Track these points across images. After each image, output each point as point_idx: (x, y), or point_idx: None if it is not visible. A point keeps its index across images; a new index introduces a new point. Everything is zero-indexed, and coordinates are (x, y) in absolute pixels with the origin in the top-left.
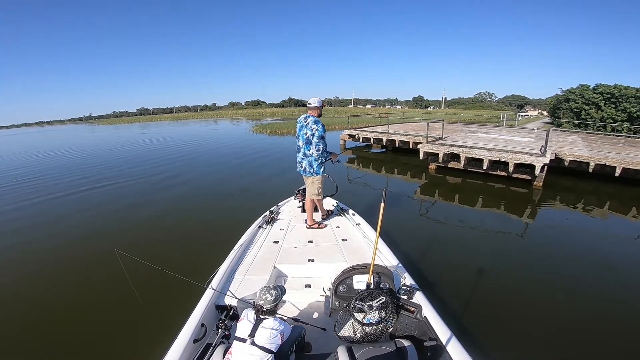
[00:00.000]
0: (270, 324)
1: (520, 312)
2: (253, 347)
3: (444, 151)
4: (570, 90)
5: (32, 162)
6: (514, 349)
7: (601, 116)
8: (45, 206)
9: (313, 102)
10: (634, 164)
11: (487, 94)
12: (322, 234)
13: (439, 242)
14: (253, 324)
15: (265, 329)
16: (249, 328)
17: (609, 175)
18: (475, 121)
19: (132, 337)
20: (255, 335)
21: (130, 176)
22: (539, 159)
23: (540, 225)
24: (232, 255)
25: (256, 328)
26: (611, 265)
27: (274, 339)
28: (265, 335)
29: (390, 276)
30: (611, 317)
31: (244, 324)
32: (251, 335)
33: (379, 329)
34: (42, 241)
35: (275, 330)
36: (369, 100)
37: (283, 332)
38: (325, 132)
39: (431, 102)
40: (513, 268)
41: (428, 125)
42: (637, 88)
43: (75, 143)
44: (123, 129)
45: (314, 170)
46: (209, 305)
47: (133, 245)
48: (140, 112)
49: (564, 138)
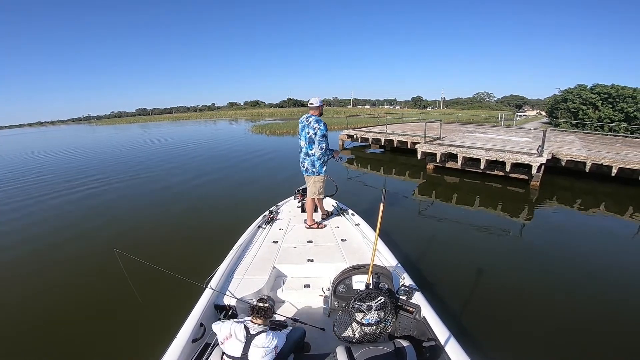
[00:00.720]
0: (262, 341)
1: (519, 312)
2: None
3: (441, 151)
4: (568, 90)
5: (32, 163)
6: (512, 349)
7: (598, 116)
8: (45, 206)
9: (314, 101)
10: (630, 164)
11: (485, 94)
12: (322, 234)
13: (437, 242)
14: (244, 343)
15: (258, 348)
16: (239, 347)
17: (606, 175)
18: (473, 121)
19: (131, 336)
20: (248, 356)
21: (130, 176)
22: (536, 158)
23: (538, 225)
24: (231, 255)
25: (248, 347)
26: (608, 265)
27: (269, 355)
28: (259, 354)
29: (390, 276)
30: (609, 317)
31: (233, 343)
32: (244, 355)
33: (377, 329)
34: (42, 241)
35: (268, 347)
36: (368, 100)
37: (277, 347)
38: (327, 130)
39: (430, 102)
40: (511, 268)
41: (426, 125)
42: (634, 88)
43: (75, 143)
44: (122, 129)
45: (316, 169)
46: (208, 305)
47: (132, 244)
48: (139, 112)
49: (561, 138)
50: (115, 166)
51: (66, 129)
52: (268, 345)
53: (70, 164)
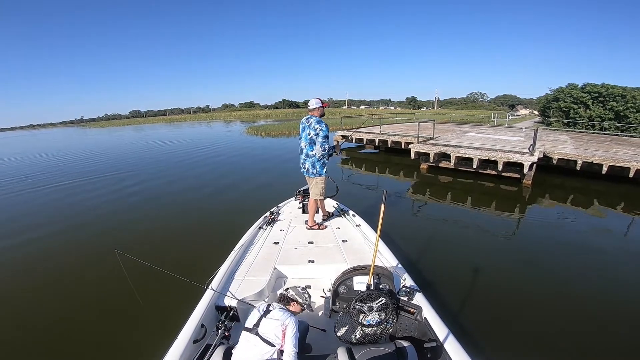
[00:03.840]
0: (275, 314)
1: (519, 311)
2: (256, 337)
3: (434, 151)
4: (559, 89)
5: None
6: (514, 349)
7: (589, 115)
8: (46, 206)
9: (312, 103)
10: (621, 162)
11: (479, 94)
12: (323, 235)
13: (435, 242)
14: (260, 315)
15: (269, 320)
16: (256, 318)
17: (597, 172)
18: (467, 121)
19: (132, 337)
20: (259, 325)
21: (129, 177)
22: (528, 157)
23: (532, 223)
24: (232, 256)
25: (261, 320)
26: (601, 261)
27: (276, 329)
28: (269, 326)
29: (390, 277)
30: (607, 315)
31: (253, 314)
32: (256, 325)
33: (379, 330)
34: (43, 241)
35: (277, 320)
36: (362, 101)
37: (285, 325)
38: (329, 131)
39: (424, 102)
40: (508, 267)
41: (419, 125)
42: (623, 87)
43: (72, 146)
44: (116, 132)
45: (317, 170)
46: (209, 306)
47: (133, 245)
48: (132, 114)
49: (553, 137)
50: (114, 167)
51: (58, 132)
52: (278, 318)
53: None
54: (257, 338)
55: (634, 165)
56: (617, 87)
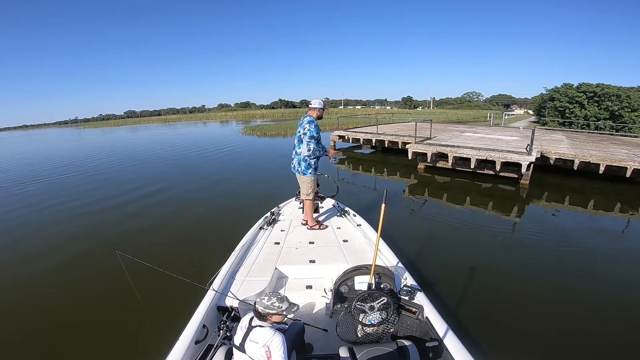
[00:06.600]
0: (256, 336)
1: (519, 310)
2: (246, 355)
3: (432, 151)
4: (555, 89)
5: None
6: (516, 348)
7: (585, 114)
8: (46, 206)
9: (314, 103)
10: (617, 161)
11: (474, 93)
12: (323, 235)
13: (435, 241)
14: (244, 332)
15: (251, 342)
16: (240, 336)
17: (594, 172)
18: (463, 121)
19: (133, 338)
20: (245, 345)
21: (129, 177)
22: (525, 157)
23: (530, 222)
24: (233, 257)
25: (246, 337)
26: (599, 260)
27: (260, 352)
28: (252, 348)
29: (392, 277)
30: (606, 313)
31: (239, 330)
32: (242, 344)
33: (380, 330)
34: (44, 242)
35: (257, 343)
36: (359, 101)
37: (267, 347)
38: (318, 133)
39: (420, 102)
40: (507, 266)
41: (416, 125)
42: (618, 87)
43: (71, 146)
44: (110, 132)
45: (302, 169)
46: (211, 306)
47: (134, 246)
48: (127, 114)
49: (549, 136)
50: (114, 168)
51: (52, 132)
52: (258, 341)
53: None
54: (246, 356)
55: (630, 165)
56: (612, 86)
